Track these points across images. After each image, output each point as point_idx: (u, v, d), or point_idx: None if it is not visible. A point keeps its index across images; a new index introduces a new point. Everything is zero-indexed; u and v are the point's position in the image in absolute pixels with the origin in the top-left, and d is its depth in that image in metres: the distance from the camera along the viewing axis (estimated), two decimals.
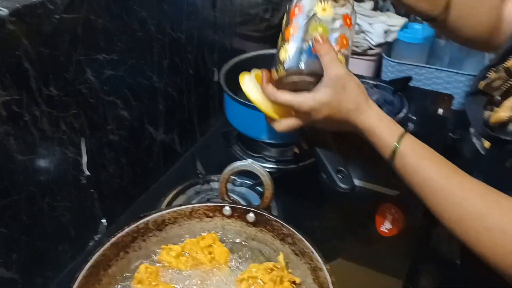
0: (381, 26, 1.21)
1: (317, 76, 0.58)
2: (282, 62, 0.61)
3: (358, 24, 1.22)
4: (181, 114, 0.97)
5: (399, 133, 0.55)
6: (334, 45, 0.59)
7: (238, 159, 0.89)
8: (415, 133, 0.55)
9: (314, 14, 0.59)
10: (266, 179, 0.59)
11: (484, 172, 0.65)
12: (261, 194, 0.63)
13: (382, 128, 0.55)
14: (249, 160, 0.60)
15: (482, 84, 0.57)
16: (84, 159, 0.74)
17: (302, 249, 0.55)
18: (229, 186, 0.63)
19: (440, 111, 1.13)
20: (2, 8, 0.55)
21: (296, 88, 0.60)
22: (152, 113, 0.88)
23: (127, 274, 0.56)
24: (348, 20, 0.61)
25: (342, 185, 0.62)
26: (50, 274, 0.73)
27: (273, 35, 1.33)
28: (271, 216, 0.59)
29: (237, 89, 0.89)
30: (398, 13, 1.34)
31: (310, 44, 0.58)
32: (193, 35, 0.93)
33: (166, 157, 0.96)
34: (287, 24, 0.62)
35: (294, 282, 0.54)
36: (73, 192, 0.74)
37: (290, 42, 0.60)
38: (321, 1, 0.59)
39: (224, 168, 0.65)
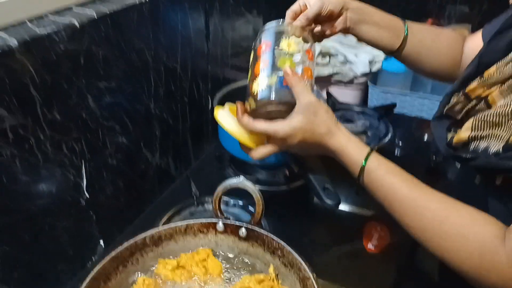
0: (366, 56, 1.27)
1: (288, 104, 0.63)
2: (255, 94, 0.66)
3: (344, 55, 1.29)
4: (176, 139, 1.02)
5: (366, 152, 0.60)
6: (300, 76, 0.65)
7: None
8: (400, 158, 0.60)
9: (281, 50, 0.65)
10: (256, 195, 0.63)
11: (457, 190, 0.69)
12: (252, 213, 0.67)
13: (351, 148, 0.61)
14: (241, 177, 0.64)
15: (446, 108, 0.62)
16: (84, 182, 0.78)
17: (291, 261, 0.59)
18: (223, 207, 0.66)
19: (426, 137, 1.18)
20: (12, 39, 0.60)
21: (269, 116, 0.64)
22: (149, 138, 0.93)
23: (125, 286, 0.59)
24: (310, 54, 0.67)
25: (328, 201, 0.66)
26: None
27: None
28: (262, 231, 0.62)
29: None
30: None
31: (281, 75, 0.64)
32: (187, 65, 0.99)
33: (161, 180, 0.99)
34: (256, 59, 0.68)
35: None
36: (72, 213, 0.77)
37: (260, 75, 0.65)
38: (285, 38, 0.66)
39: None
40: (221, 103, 0.96)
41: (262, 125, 0.64)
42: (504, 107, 0.53)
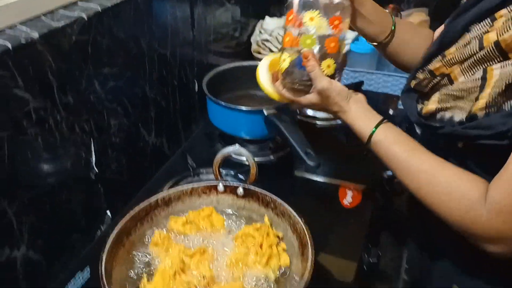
0: None
1: (308, 80, 0.71)
2: (281, 67, 0.74)
3: None
4: (168, 120, 1.12)
5: (373, 126, 0.69)
6: (320, 52, 0.70)
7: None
8: None
9: (305, 23, 0.69)
10: (250, 159, 0.75)
11: None
12: (242, 181, 0.78)
13: (358, 125, 0.70)
14: (236, 145, 0.75)
15: (413, 83, 0.72)
16: (94, 158, 0.87)
17: (282, 211, 0.71)
18: None
19: (391, 111, 1.32)
20: (34, 32, 0.68)
21: (295, 88, 0.74)
22: (145, 119, 1.02)
23: (144, 240, 0.70)
24: (337, 22, 0.70)
25: (309, 162, 0.79)
26: (66, 259, 0.85)
27: (243, 51, 1.50)
28: (257, 189, 0.74)
29: (218, 94, 1.05)
30: (349, 28, 1.53)
31: (300, 56, 0.70)
32: (176, 52, 1.08)
33: (156, 158, 1.09)
34: (284, 30, 0.74)
35: (277, 236, 0.70)
36: (84, 187, 0.87)
37: (285, 51, 0.73)
38: (310, 10, 0.68)
39: (210, 161, 0.79)
40: (209, 84, 1.06)
41: (289, 96, 0.75)
42: (465, 83, 0.62)
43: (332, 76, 0.74)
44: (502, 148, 0.57)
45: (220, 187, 0.76)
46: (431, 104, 0.66)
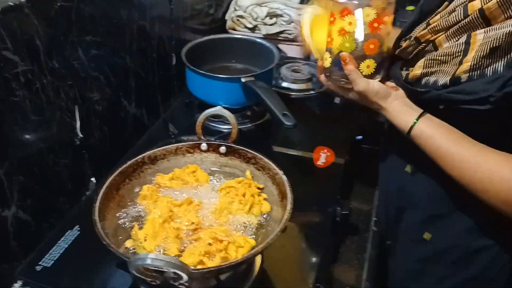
0: (308, 16, 1.45)
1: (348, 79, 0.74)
2: (325, 62, 0.77)
3: (288, 15, 1.46)
4: (148, 91, 1.15)
5: (412, 120, 0.70)
6: (360, 54, 0.72)
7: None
8: None
9: (342, 29, 0.71)
10: (232, 119, 0.79)
11: None
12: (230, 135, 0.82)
13: (398, 121, 0.72)
14: (218, 107, 0.80)
15: (397, 51, 0.75)
16: (78, 123, 0.90)
17: (262, 165, 0.76)
18: None
19: None
20: None
21: (337, 84, 0.78)
22: (126, 89, 1.05)
23: (132, 195, 0.74)
24: (376, 24, 0.71)
25: (287, 123, 0.84)
26: (53, 221, 0.88)
27: (218, 27, 1.53)
28: (238, 147, 0.79)
29: (195, 65, 1.08)
30: None
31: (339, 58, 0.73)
32: (154, 25, 1.11)
33: (136, 128, 1.13)
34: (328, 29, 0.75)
35: (258, 188, 0.75)
36: (69, 151, 0.90)
37: (327, 50, 0.76)
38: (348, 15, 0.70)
39: (191, 129, 0.84)
40: (188, 54, 1.10)
41: (332, 89, 0.80)
42: (449, 48, 0.66)
43: (372, 75, 0.75)
44: (483, 113, 0.60)
45: (204, 146, 0.80)
46: (416, 70, 0.70)
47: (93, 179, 0.98)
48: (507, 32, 0.58)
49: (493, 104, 0.59)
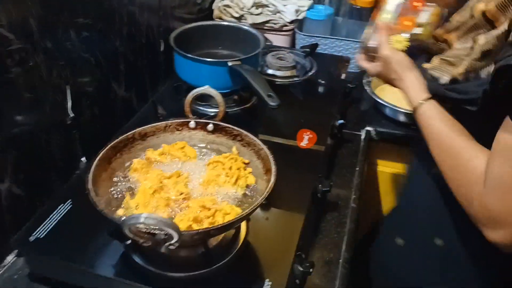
0: (293, 6, 1.50)
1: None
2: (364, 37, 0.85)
3: (274, 5, 1.50)
4: (136, 76, 1.18)
5: (422, 98, 0.74)
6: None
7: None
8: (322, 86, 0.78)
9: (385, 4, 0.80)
10: (219, 98, 0.83)
11: None
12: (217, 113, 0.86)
13: (410, 93, 0.77)
14: (206, 86, 0.84)
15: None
16: (69, 103, 0.93)
17: (248, 141, 0.80)
18: None
19: (343, 76, 1.44)
20: None
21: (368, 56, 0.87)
22: (116, 72, 1.08)
23: (123, 168, 0.77)
24: (417, 4, 0.78)
25: (271, 103, 0.89)
26: (44, 197, 0.91)
27: (205, 17, 1.57)
28: (225, 124, 0.83)
29: (183, 51, 1.12)
30: None
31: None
32: (144, 11, 1.14)
33: (126, 111, 1.16)
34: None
35: (244, 162, 0.80)
36: (61, 130, 0.93)
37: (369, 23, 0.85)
38: None
39: (179, 112, 0.88)
40: (176, 40, 1.13)
41: (361, 63, 0.89)
42: (458, 50, 0.70)
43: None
44: (476, 114, 0.63)
45: (192, 123, 0.84)
46: (426, 65, 0.75)
47: (83, 158, 1.01)
48: (496, 35, 0.60)
49: (478, 105, 0.62)
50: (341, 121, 1.14)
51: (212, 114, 1.09)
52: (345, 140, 1.21)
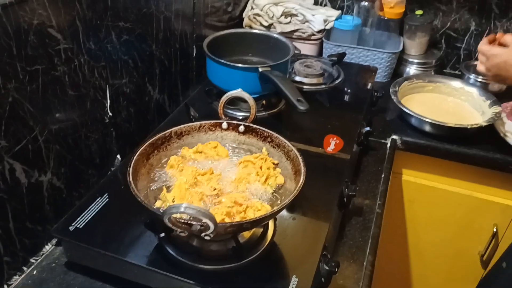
0: (321, 16, 1.53)
1: None
2: None
3: (302, 15, 1.53)
4: (170, 79, 1.23)
5: None
6: None
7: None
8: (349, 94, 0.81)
9: None
10: (251, 101, 0.87)
11: None
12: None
13: None
14: (239, 89, 0.87)
15: None
16: (108, 102, 0.98)
17: (278, 143, 0.83)
18: None
19: (369, 85, 1.46)
20: None
21: None
22: (151, 75, 1.13)
23: (160, 164, 0.81)
24: None
25: (301, 108, 0.92)
26: (82, 190, 0.95)
27: (235, 25, 1.61)
28: (256, 126, 0.86)
29: (217, 55, 1.16)
30: (333, 6, 1.68)
31: None
32: (178, 17, 1.19)
33: (159, 113, 1.21)
34: None
35: (273, 163, 0.82)
36: (100, 127, 0.97)
37: None
38: None
39: (209, 115, 0.92)
40: (209, 46, 1.18)
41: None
42: None
43: None
44: None
45: (224, 124, 0.88)
46: None
47: (118, 156, 1.06)
48: None
49: None
50: (368, 128, 1.16)
51: (241, 117, 1.13)
52: (371, 148, 1.22)
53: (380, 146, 1.25)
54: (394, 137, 1.28)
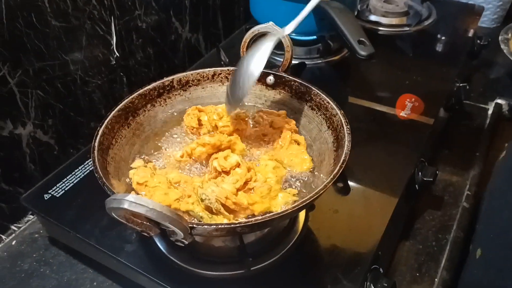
0: None
1: None
2: None
3: None
4: (206, 14, 0.99)
5: None
6: None
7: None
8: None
9: None
10: (285, 40, 0.61)
11: None
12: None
13: None
14: (270, 22, 0.61)
15: None
16: (114, 39, 0.77)
17: (318, 103, 0.57)
18: None
19: (471, 31, 1.10)
20: None
21: None
22: (178, 7, 0.90)
23: (154, 124, 0.60)
24: None
25: (362, 52, 0.63)
26: (82, 147, 0.78)
27: None
28: (290, 77, 0.61)
29: None
30: None
31: None
32: None
33: (190, 56, 0.98)
34: None
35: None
36: (103, 71, 0.78)
37: None
38: None
39: None
40: None
41: None
42: None
43: None
44: None
45: None
46: None
47: None
48: None
49: None
50: (464, 85, 0.85)
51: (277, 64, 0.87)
52: (464, 115, 0.90)
53: (478, 112, 0.92)
54: (499, 101, 0.94)
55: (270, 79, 0.62)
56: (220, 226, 0.41)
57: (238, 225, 0.41)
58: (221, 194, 0.44)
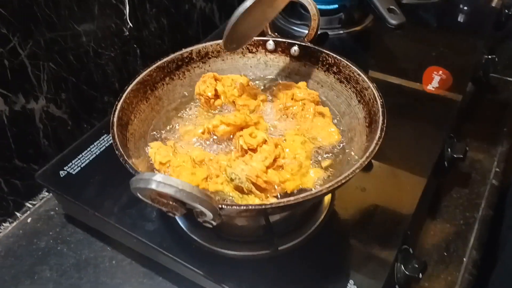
0: None
1: None
2: None
3: None
4: None
5: None
6: None
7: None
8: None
9: None
10: (312, 8, 0.57)
11: None
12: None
13: None
14: None
15: None
16: (127, 8, 0.74)
17: (347, 75, 0.54)
18: None
19: (495, 1, 1.05)
20: None
21: None
22: None
23: (173, 97, 0.57)
24: None
25: (392, 21, 0.60)
26: (96, 122, 0.76)
27: None
28: (317, 48, 0.57)
29: None
30: None
31: None
32: None
33: (205, 27, 0.95)
34: None
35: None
36: (116, 42, 0.75)
37: None
38: None
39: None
40: None
41: None
42: None
43: None
44: None
45: (270, 44, 0.60)
46: None
47: None
48: None
49: None
50: (493, 57, 0.81)
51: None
52: (491, 88, 0.87)
53: (505, 85, 0.89)
54: None
55: (295, 49, 0.59)
56: (251, 208, 0.39)
57: (269, 206, 0.39)
58: (251, 173, 0.42)
